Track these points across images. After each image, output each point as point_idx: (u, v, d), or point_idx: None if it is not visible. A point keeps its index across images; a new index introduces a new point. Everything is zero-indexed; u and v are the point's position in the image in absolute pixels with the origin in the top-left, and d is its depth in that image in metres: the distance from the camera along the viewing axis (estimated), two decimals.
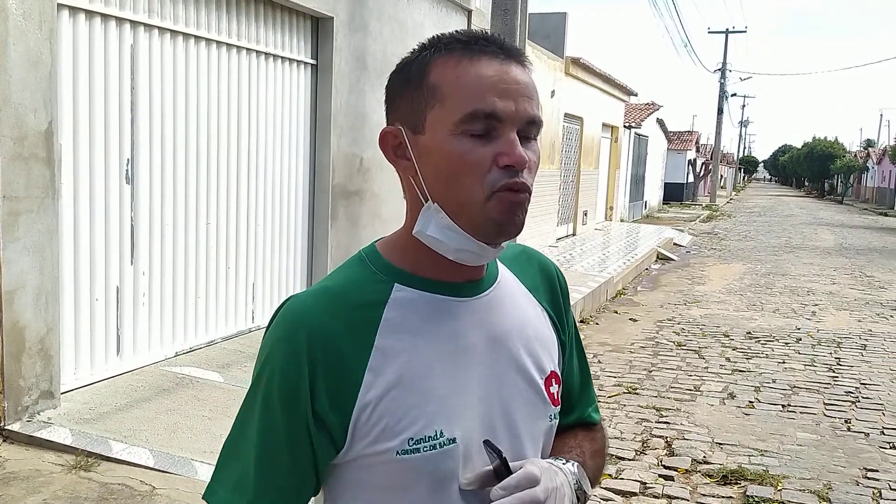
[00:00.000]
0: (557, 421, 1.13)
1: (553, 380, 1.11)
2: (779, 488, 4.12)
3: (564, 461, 1.08)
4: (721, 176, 49.00)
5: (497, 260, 1.11)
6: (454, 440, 0.98)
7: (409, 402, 0.97)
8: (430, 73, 0.97)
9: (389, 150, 1.02)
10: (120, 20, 4.64)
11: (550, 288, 1.18)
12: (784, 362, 6.85)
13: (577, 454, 1.14)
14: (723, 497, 4.03)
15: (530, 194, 0.98)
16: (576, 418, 1.23)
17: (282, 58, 6.15)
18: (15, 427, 3.88)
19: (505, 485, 0.95)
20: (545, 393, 1.09)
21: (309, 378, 0.95)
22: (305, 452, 0.97)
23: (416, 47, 1.02)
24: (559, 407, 1.13)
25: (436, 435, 0.97)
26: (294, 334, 0.97)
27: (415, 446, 0.97)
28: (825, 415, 5.41)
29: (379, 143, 1.04)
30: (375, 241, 1.09)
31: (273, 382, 0.97)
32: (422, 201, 0.99)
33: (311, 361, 0.95)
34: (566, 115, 14.31)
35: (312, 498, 1.04)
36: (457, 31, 1.00)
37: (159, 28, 4.94)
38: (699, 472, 4.34)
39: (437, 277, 1.03)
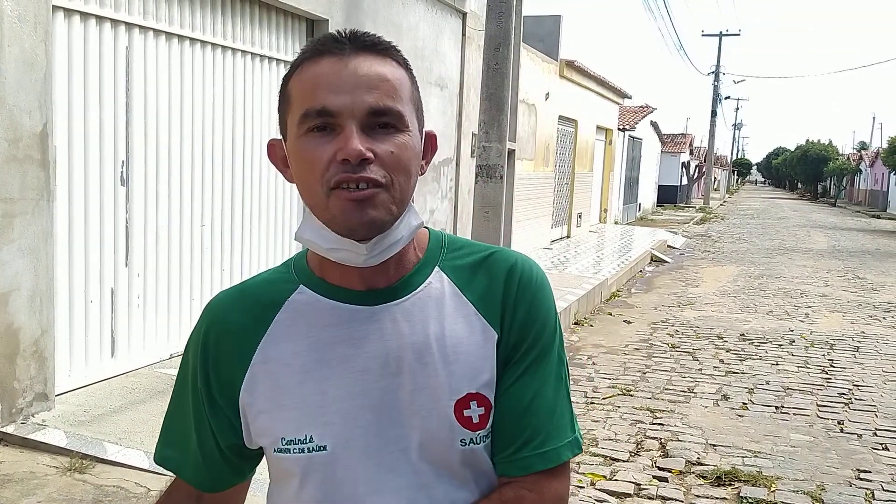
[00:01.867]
0: (481, 445, 1.00)
1: (473, 402, 0.99)
2: (772, 489, 4.14)
3: None
4: (715, 178, 49.13)
5: (441, 269, 1.04)
6: (324, 448, 0.99)
7: (283, 402, 1.00)
8: (290, 82, 0.99)
9: (279, 162, 1.04)
10: (115, 22, 4.64)
11: (505, 294, 1.02)
12: (777, 364, 6.87)
13: None
14: (717, 498, 4.04)
15: (388, 190, 0.93)
16: (508, 461, 1.01)
17: (277, 60, 6.16)
18: (9, 429, 3.87)
19: None
20: (453, 415, 0.98)
21: (202, 367, 1.05)
22: (205, 429, 1.06)
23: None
24: (483, 430, 0.99)
25: (305, 439, 0.99)
26: (199, 326, 1.08)
27: (286, 446, 1.00)
28: (818, 416, 5.43)
29: (268, 155, 1.06)
30: None
31: (185, 365, 1.09)
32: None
33: (204, 353, 1.05)
34: (560, 117, 14.34)
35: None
36: (327, 34, 0.99)
37: (154, 30, 4.94)
38: (693, 473, 4.35)
39: (341, 284, 1.02)
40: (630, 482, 4.17)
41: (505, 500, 1.00)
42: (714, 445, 4.78)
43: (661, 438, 4.87)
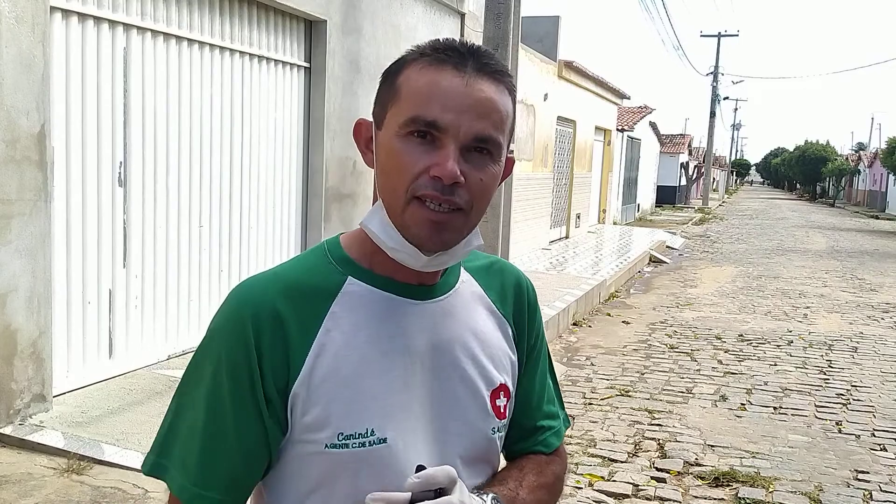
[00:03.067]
0: (502, 435, 1.11)
1: (502, 393, 1.09)
2: (770, 490, 4.14)
3: (481, 493, 1.03)
4: (713, 179, 49.14)
5: (464, 270, 1.12)
6: (385, 440, 0.98)
7: (343, 396, 0.97)
8: (401, 74, 0.98)
9: (361, 142, 1.04)
10: (112, 23, 4.64)
11: (517, 302, 1.16)
12: (776, 365, 6.87)
13: (512, 487, 1.08)
14: (715, 499, 4.04)
15: (467, 215, 0.96)
16: (531, 440, 1.17)
17: (275, 61, 6.16)
18: (7, 430, 3.87)
19: (423, 475, 0.94)
20: (489, 405, 1.07)
21: (257, 359, 0.96)
22: (256, 434, 0.97)
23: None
24: (505, 421, 1.10)
25: (366, 433, 0.97)
26: (240, 316, 0.97)
27: (343, 441, 0.96)
28: (816, 417, 5.44)
29: (353, 133, 1.06)
30: (340, 234, 1.09)
31: (221, 365, 0.97)
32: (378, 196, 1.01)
33: (257, 343, 0.96)
34: (559, 118, 14.34)
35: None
36: (447, 40, 0.99)
37: (152, 31, 4.94)
38: (691, 474, 4.35)
39: (390, 276, 1.03)
40: (628, 483, 4.17)
41: (553, 472, 1.16)
42: (712, 446, 4.78)
43: (659, 439, 4.87)
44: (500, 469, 1.13)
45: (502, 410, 1.09)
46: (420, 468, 0.95)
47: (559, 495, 1.18)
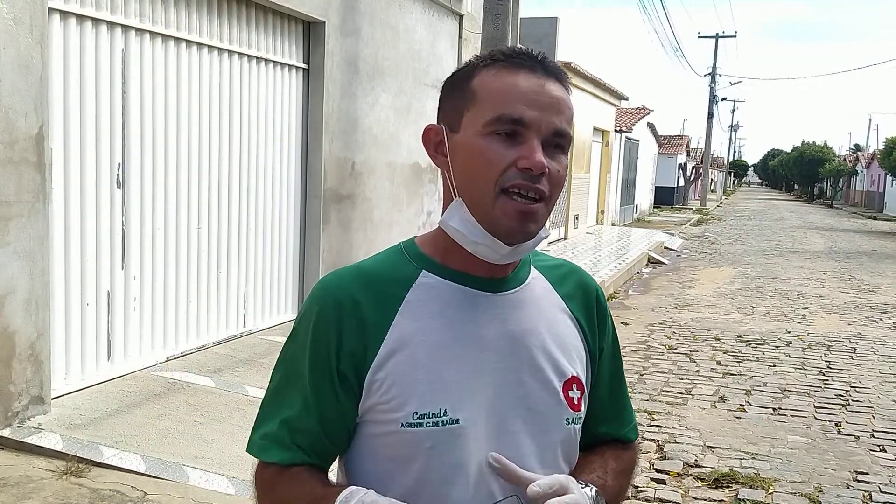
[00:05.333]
0: (578, 426, 1.15)
1: (574, 385, 1.14)
2: (770, 491, 4.14)
3: (584, 485, 1.09)
4: (711, 180, 49.19)
5: (534, 268, 1.19)
6: (457, 421, 1.04)
7: (418, 377, 1.05)
8: (474, 80, 1.06)
9: (430, 146, 1.11)
10: (111, 24, 4.64)
11: (586, 302, 1.22)
12: (775, 366, 6.87)
13: (599, 476, 1.15)
14: (714, 500, 4.04)
15: (546, 204, 1.03)
16: (604, 433, 1.24)
17: (273, 62, 6.15)
18: (5, 433, 3.86)
19: (541, 483, 1.00)
20: (561, 395, 1.12)
21: (337, 340, 1.06)
22: (333, 407, 1.07)
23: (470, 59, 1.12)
24: (580, 413, 1.15)
25: (439, 413, 1.04)
26: (324, 303, 1.08)
27: (418, 420, 1.03)
28: (816, 418, 5.43)
29: (422, 138, 1.12)
30: (414, 237, 1.18)
31: (305, 344, 1.08)
32: (453, 196, 1.07)
33: (338, 326, 1.06)
34: None
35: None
36: (506, 47, 1.10)
37: (150, 32, 4.93)
38: (691, 475, 4.35)
39: (463, 269, 1.10)
40: None
41: (628, 458, 1.25)
42: (711, 447, 4.78)
43: (658, 440, 4.87)
44: (579, 457, 1.18)
45: (576, 402, 1.14)
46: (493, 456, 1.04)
47: (633, 480, 1.29)
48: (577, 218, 16.89)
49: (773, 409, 5.60)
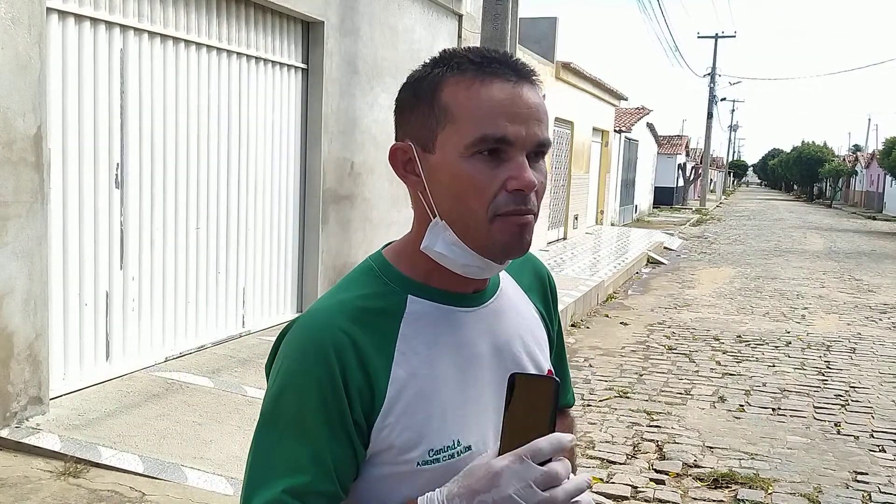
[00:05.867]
0: None
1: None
2: (769, 491, 4.14)
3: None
4: (711, 180, 49.19)
5: None
6: (469, 447, 1.02)
7: (428, 413, 1.00)
8: (442, 92, 0.98)
9: (399, 166, 1.03)
10: (109, 24, 4.63)
11: (542, 289, 1.24)
12: (774, 366, 6.87)
13: None
14: (714, 501, 4.03)
15: (536, 216, 1.00)
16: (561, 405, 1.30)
17: (272, 62, 6.14)
18: (3, 433, 3.85)
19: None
20: None
21: (343, 384, 0.96)
22: (346, 457, 0.97)
23: (428, 62, 1.02)
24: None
25: (453, 444, 1.01)
26: (321, 344, 0.97)
27: (434, 457, 1.00)
28: (815, 418, 5.43)
29: (389, 158, 1.05)
30: (381, 250, 1.10)
31: (308, 394, 0.96)
32: (430, 216, 1.01)
33: (342, 369, 0.96)
34: (557, 119, 14.34)
35: None
36: (467, 49, 1.01)
37: (149, 32, 4.93)
38: (690, 475, 4.34)
39: (447, 288, 1.06)
40: (627, 485, 4.17)
41: (570, 421, 1.36)
42: (711, 448, 4.77)
43: (657, 441, 4.87)
44: None
45: None
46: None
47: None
48: (576, 218, 16.88)
49: (773, 410, 5.60)
